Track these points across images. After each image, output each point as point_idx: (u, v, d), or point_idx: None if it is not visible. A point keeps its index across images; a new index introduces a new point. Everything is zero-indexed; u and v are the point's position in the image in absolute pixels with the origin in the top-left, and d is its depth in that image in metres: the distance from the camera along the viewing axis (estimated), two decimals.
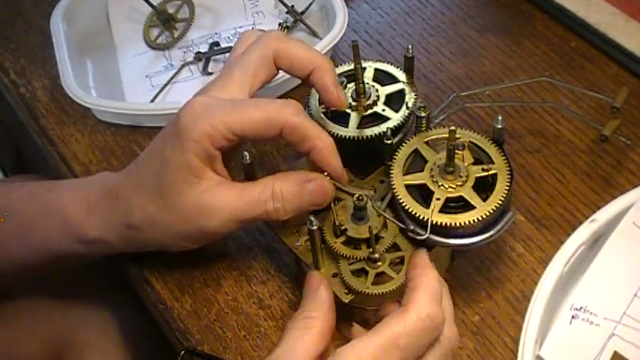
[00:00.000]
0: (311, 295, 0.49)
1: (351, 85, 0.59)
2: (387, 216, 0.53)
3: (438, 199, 0.52)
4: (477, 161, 0.54)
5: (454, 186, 0.52)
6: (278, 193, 0.52)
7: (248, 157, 0.55)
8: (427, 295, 0.46)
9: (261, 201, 0.52)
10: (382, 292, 0.51)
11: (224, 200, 0.52)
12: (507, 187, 0.52)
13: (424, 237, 0.51)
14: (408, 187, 0.53)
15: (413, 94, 0.59)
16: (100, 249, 0.58)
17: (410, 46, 0.60)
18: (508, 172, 0.53)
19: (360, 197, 0.52)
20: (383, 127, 0.57)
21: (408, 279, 0.48)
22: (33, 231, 0.58)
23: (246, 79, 0.54)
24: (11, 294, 0.69)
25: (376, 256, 0.52)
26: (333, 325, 0.48)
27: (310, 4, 0.76)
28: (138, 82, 0.74)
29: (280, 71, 0.57)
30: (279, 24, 0.76)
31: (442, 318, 0.46)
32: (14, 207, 0.59)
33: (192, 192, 0.52)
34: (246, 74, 0.55)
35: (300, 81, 0.67)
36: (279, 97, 0.68)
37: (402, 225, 0.52)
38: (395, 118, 0.58)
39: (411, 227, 0.51)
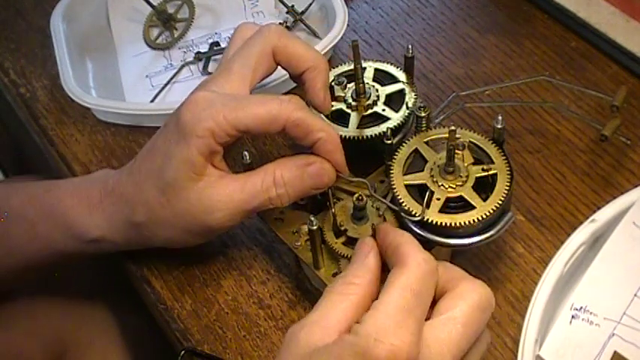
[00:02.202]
0: (358, 260, 0.46)
1: (351, 85, 0.59)
2: (378, 197, 0.53)
3: (438, 199, 0.52)
4: (477, 161, 0.54)
5: (454, 186, 0.52)
6: (280, 179, 0.52)
7: (248, 157, 0.55)
8: (413, 245, 0.45)
9: (263, 190, 0.52)
10: None
11: (227, 194, 0.52)
12: (507, 187, 0.52)
13: (418, 218, 0.51)
14: (408, 187, 0.53)
15: (413, 94, 0.59)
16: (104, 247, 0.58)
17: (410, 46, 0.60)
18: (508, 172, 0.53)
19: (360, 197, 0.52)
20: (383, 127, 0.57)
21: (385, 247, 0.46)
22: (36, 234, 0.58)
23: (247, 73, 0.54)
24: (10, 295, 0.69)
25: None
26: (375, 296, 0.44)
27: (310, 4, 0.76)
28: (138, 82, 0.74)
29: (280, 71, 0.57)
30: (279, 24, 0.76)
31: (435, 261, 0.45)
32: (15, 211, 0.59)
33: (195, 188, 0.52)
34: (247, 68, 0.54)
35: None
36: None
37: (394, 207, 0.53)
38: (395, 118, 0.58)
39: (405, 208, 0.52)
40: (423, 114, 0.56)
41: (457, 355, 0.43)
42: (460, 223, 0.51)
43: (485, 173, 0.53)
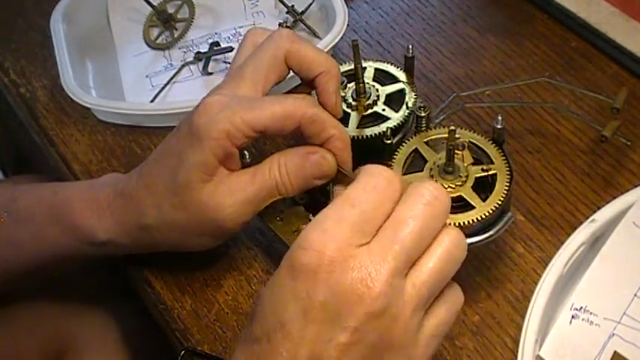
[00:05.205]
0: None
1: (351, 85, 0.59)
2: None
3: None
4: (476, 161, 0.54)
5: (454, 186, 0.52)
6: (282, 166, 0.53)
7: (248, 157, 0.55)
8: (374, 165, 0.45)
9: (271, 177, 0.53)
10: None
11: (238, 188, 0.53)
12: (507, 187, 0.52)
13: None
14: None
15: (413, 94, 0.59)
16: (112, 250, 0.58)
17: (410, 46, 0.60)
18: (508, 172, 0.53)
19: None
20: (383, 127, 0.57)
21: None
22: (43, 236, 0.58)
23: (259, 79, 0.54)
24: (11, 295, 0.69)
25: None
26: None
27: (310, 4, 0.76)
28: (138, 82, 0.74)
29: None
30: (279, 24, 0.76)
31: (393, 174, 0.44)
32: (22, 213, 0.59)
33: (206, 189, 0.52)
34: (259, 74, 0.54)
35: (299, 81, 0.67)
36: None
37: None
38: (395, 118, 0.58)
39: None
40: (423, 114, 0.56)
41: (402, 258, 0.42)
42: (460, 223, 0.51)
43: (485, 173, 0.53)
